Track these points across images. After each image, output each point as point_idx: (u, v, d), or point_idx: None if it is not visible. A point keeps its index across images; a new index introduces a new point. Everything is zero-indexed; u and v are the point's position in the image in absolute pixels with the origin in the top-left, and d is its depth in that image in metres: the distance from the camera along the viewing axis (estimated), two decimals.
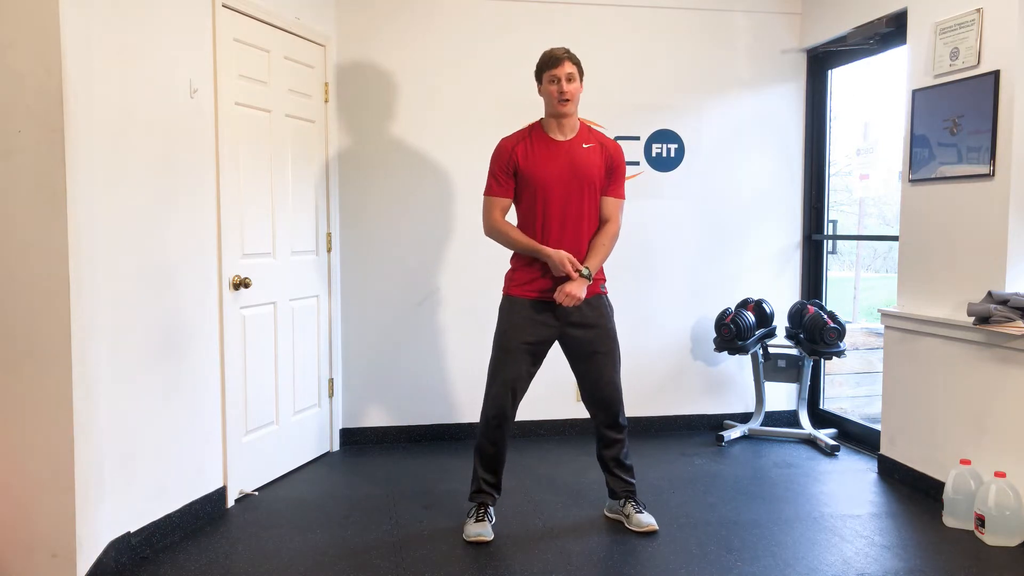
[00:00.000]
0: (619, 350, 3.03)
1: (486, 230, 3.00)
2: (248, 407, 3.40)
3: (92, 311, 2.51)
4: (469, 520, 2.98)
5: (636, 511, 3.03)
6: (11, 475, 2.45)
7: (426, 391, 4.26)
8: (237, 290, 3.28)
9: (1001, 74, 3.04)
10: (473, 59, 4.20)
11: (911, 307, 3.51)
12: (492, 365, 2.97)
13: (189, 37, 2.99)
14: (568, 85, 2.86)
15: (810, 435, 4.17)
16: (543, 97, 2.95)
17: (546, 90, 2.91)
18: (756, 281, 4.51)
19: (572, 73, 2.87)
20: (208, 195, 3.11)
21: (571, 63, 2.88)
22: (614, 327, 3.03)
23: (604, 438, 3.07)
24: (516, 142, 2.96)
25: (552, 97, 2.88)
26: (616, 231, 3.01)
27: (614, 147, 3.03)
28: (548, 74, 2.88)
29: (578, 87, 2.90)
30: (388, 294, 4.19)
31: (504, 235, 2.95)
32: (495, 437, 2.94)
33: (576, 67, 2.90)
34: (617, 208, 3.01)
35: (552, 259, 2.83)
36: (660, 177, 4.38)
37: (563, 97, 2.86)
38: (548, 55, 2.91)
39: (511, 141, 2.98)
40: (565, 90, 2.85)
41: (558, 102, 2.87)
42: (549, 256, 2.84)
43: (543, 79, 2.91)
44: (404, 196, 4.17)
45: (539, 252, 2.86)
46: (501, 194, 2.95)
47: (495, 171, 2.96)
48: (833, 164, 4.58)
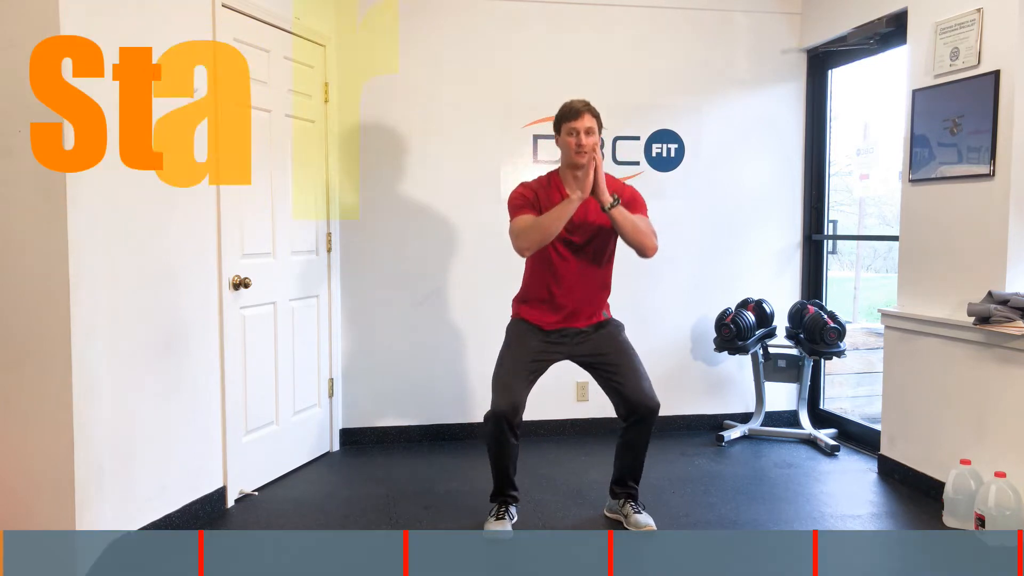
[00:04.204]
0: (637, 356, 3.02)
1: (521, 242, 2.86)
2: (248, 407, 3.40)
3: (92, 311, 2.51)
4: (490, 518, 2.99)
5: (635, 511, 3.03)
6: (11, 475, 2.45)
7: (426, 391, 4.26)
8: (237, 290, 3.28)
9: (1001, 74, 3.04)
10: (473, 57, 4.19)
11: (911, 307, 3.51)
12: (496, 378, 2.96)
13: (189, 37, 2.98)
14: (586, 138, 2.85)
15: (810, 435, 4.17)
16: (560, 148, 2.95)
17: (564, 142, 2.90)
18: (756, 281, 4.51)
19: (591, 127, 2.87)
20: (208, 195, 3.11)
21: (590, 116, 2.87)
22: (625, 339, 3.05)
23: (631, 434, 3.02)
24: (535, 189, 2.97)
25: (570, 149, 2.87)
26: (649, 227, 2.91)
27: (629, 192, 3.01)
28: (567, 126, 2.88)
29: (596, 140, 2.89)
30: (388, 294, 4.19)
31: (535, 228, 2.83)
32: (499, 443, 2.91)
33: (595, 120, 2.90)
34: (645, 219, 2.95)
35: (583, 190, 2.79)
36: (660, 177, 4.38)
37: (581, 150, 2.85)
38: (567, 107, 2.90)
39: (530, 189, 2.98)
40: (583, 143, 2.84)
41: (575, 154, 2.86)
42: (576, 194, 2.79)
43: (561, 130, 2.91)
44: (404, 196, 4.17)
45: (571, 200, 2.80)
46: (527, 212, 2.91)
47: (518, 205, 2.93)
48: (833, 164, 4.58)
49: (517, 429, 2.86)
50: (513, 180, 4.20)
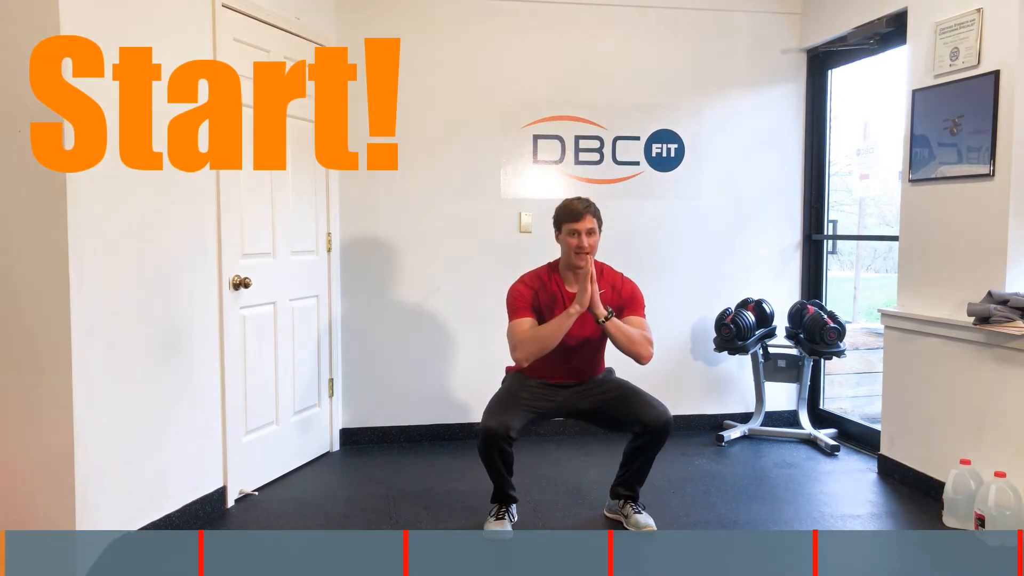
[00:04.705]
0: (630, 384, 3.05)
1: (519, 353, 2.86)
2: (248, 407, 3.40)
3: (92, 311, 2.51)
4: (490, 518, 2.99)
5: (635, 511, 3.03)
6: (12, 475, 2.45)
7: (426, 391, 4.26)
8: (237, 290, 3.28)
9: (1001, 74, 3.04)
10: (473, 58, 4.19)
11: (911, 307, 3.51)
12: (492, 404, 2.95)
13: (189, 37, 2.99)
14: (588, 239, 2.87)
15: (810, 435, 4.17)
16: (561, 245, 2.97)
17: (564, 241, 2.92)
18: (756, 281, 4.50)
19: (592, 228, 2.89)
20: (208, 195, 3.11)
21: (591, 216, 2.90)
22: (617, 379, 3.11)
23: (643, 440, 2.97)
24: (535, 289, 2.98)
25: (570, 249, 2.90)
26: (645, 337, 2.92)
27: (627, 289, 3.03)
28: (568, 227, 2.90)
29: (597, 240, 2.92)
30: (388, 294, 4.19)
31: (535, 341, 2.84)
32: (491, 454, 2.87)
33: (596, 220, 2.91)
34: (641, 322, 2.97)
35: (580, 304, 2.80)
36: (660, 177, 4.38)
37: (582, 251, 2.87)
38: (569, 209, 2.91)
39: (529, 288, 2.98)
40: (584, 244, 2.87)
41: (575, 255, 2.88)
42: (575, 308, 2.80)
43: (562, 230, 2.93)
44: (404, 195, 4.17)
45: (568, 314, 2.82)
46: (526, 316, 2.92)
47: (517, 307, 2.93)
48: (833, 164, 4.58)
49: (511, 441, 2.84)
50: (513, 180, 4.23)
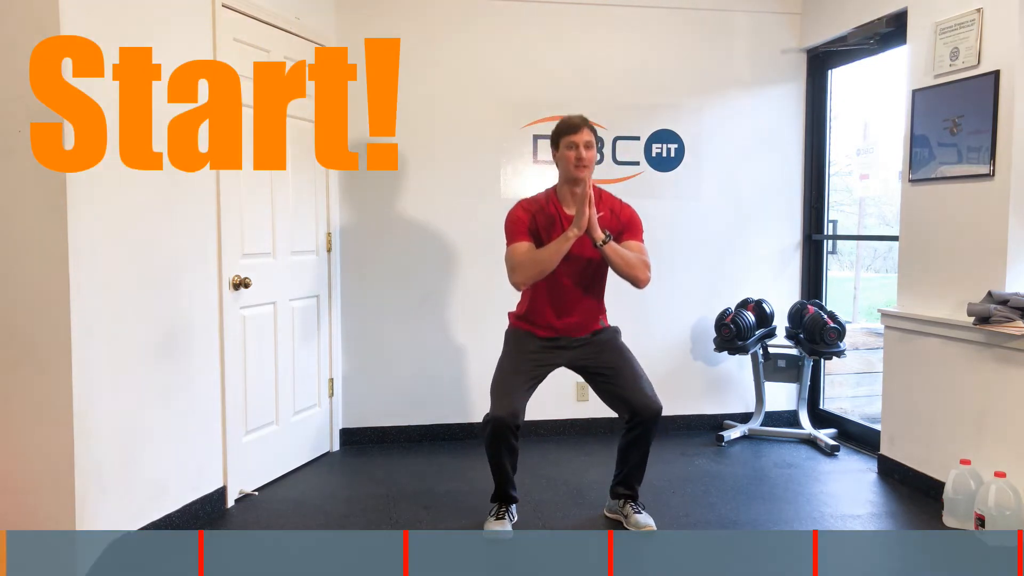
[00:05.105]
0: (636, 361, 3.02)
1: (517, 276, 2.88)
2: (248, 407, 3.40)
3: (92, 311, 2.51)
4: (490, 518, 2.99)
5: (635, 511, 3.02)
6: (12, 475, 2.45)
7: (426, 391, 4.26)
8: (237, 290, 3.28)
9: (1001, 74, 3.04)
10: (473, 59, 4.19)
11: (911, 307, 3.51)
12: (494, 382, 2.97)
13: (189, 37, 2.99)
14: (586, 152, 2.87)
15: (810, 435, 4.17)
16: (558, 163, 2.97)
17: (563, 156, 2.92)
18: (756, 281, 4.51)
19: (590, 141, 2.89)
20: (208, 195, 3.11)
21: (589, 131, 2.90)
22: (622, 344, 3.06)
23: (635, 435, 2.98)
24: (532, 213, 2.97)
25: (569, 163, 2.89)
26: (643, 261, 2.91)
27: (626, 211, 3.02)
28: (566, 140, 2.89)
29: (594, 154, 2.92)
30: (388, 294, 4.19)
31: (532, 263, 2.85)
32: (498, 446, 2.89)
33: (593, 134, 2.92)
34: (639, 246, 2.97)
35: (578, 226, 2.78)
36: (660, 177, 4.38)
37: (580, 164, 2.87)
38: (566, 122, 2.92)
39: (527, 212, 2.98)
40: (583, 156, 2.87)
41: (575, 167, 2.88)
42: (572, 231, 2.79)
43: (560, 145, 2.92)
44: (404, 196, 4.17)
45: (566, 237, 2.81)
46: (523, 240, 2.92)
47: (515, 232, 2.93)
48: (833, 164, 4.58)
49: (517, 431, 2.86)
50: (513, 180, 4.23)
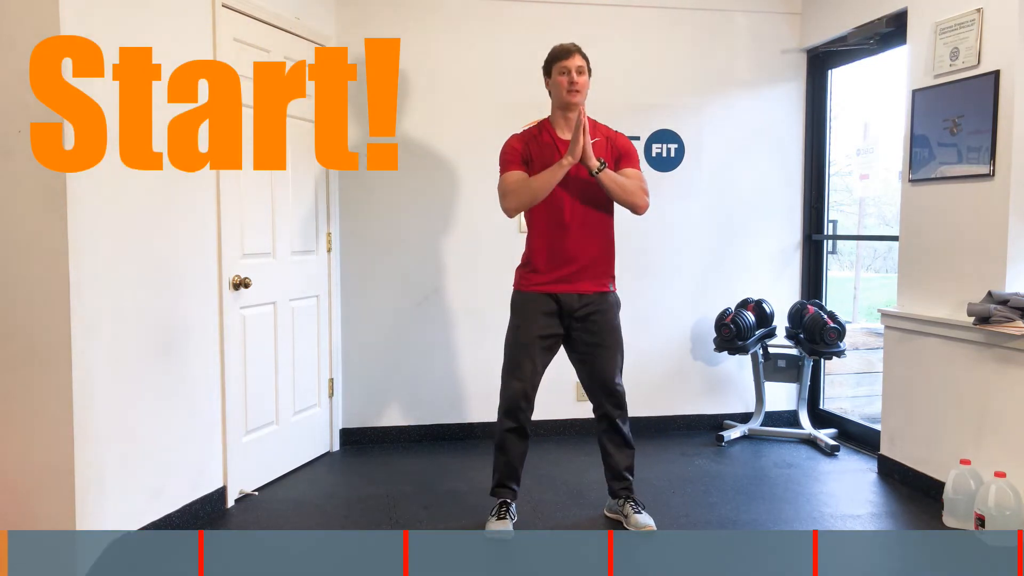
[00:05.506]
0: (622, 347, 3.03)
1: (508, 202, 2.90)
2: (248, 407, 3.40)
3: (92, 311, 2.51)
4: (491, 518, 2.99)
5: (635, 511, 3.02)
6: (12, 475, 2.45)
7: (426, 391, 4.26)
8: (237, 290, 3.28)
9: (1001, 74, 3.04)
10: (473, 59, 4.19)
11: (911, 307, 3.51)
12: (507, 361, 2.98)
13: (189, 37, 2.99)
14: (578, 77, 2.91)
15: (810, 435, 4.17)
16: (551, 90, 2.98)
17: (555, 82, 2.94)
18: (756, 281, 4.50)
19: (582, 66, 2.93)
20: (208, 195, 3.11)
21: (580, 56, 2.94)
22: (618, 323, 3.04)
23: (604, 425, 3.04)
24: (526, 141, 2.99)
25: (561, 88, 2.92)
26: (640, 187, 2.94)
27: (621, 139, 3.05)
28: (559, 65, 2.92)
29: (587, 80, 2.95)
30: (388, 294, 4.19)
31: (524, 190, 2.86)
32: (514, 432, 2.93)
33: (585, 61, 2.95)
34: (636, 173, 2.98)
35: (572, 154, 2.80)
36: (660, 177, 4.38)
37: (573, 88, 2.89)
38: (558, 48, 2.96)
39: (520, 141, 3.00)
40: (575, 80, 2.90)
41: (567, 92, 2.90)
42: (567, 159, 2.80)
43: (552, 71, 2.95)
44: (404, 195, 4.16)
45: (560, 164, 2.82)
46: (516, 169, 2.93)
47: (508, 161, 2.95)
48: (833, 164, 4.57)
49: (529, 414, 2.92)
50: None
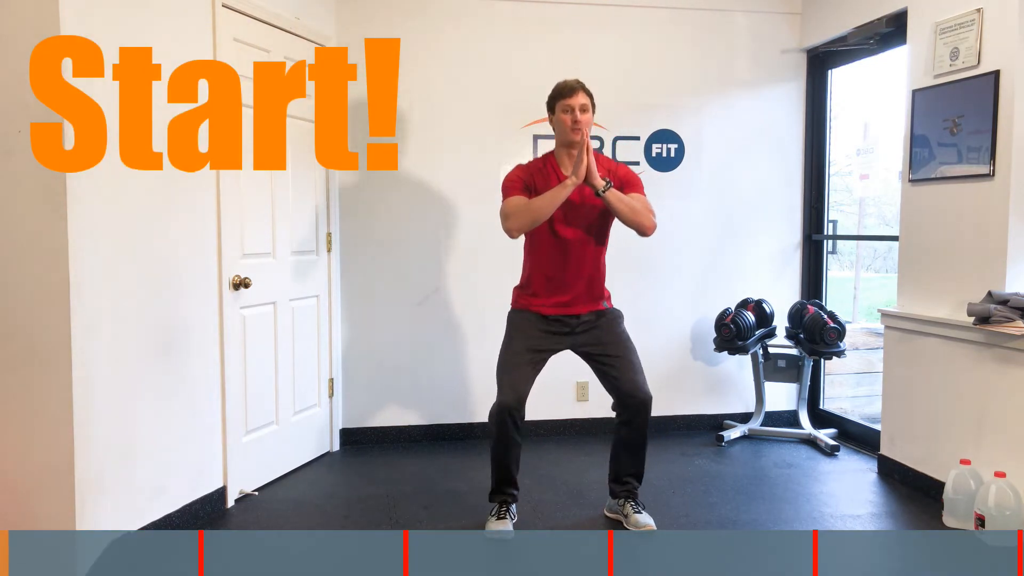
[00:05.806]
0: (635, 350, 3.03)
1: (511, 222, 2.88)
2: (248, 407, 3.40)
3: (92, 311, 2.51)
4: (491, 518, 2.99)
5: (635, 511, 3.02)
6: (11, 475, 2.45)
7: (426, 391, 4.26)
8: (237, 290, 3.28)
9: (1001, 74, 3.04)
10: (474, 59, 4.19)
11: (911, 307, 3.51)
12: (499, 368, 2.98)
13: (189, 37, 2.99)
14: (582, 115, 2.89)
15: (810, 435, 4.17)
16: (555, 127, 2.98)
17: (559, 120, 2.93)
18: (756, 281, 4.51)
19: (585, 103, 2.91)
20: (208, 195, 3.11)
21: (584, 93, 2.92)
22: (624, 331, 3.05)
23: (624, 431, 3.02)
24: (530, 171, 2.99)
25: (565, 126, 2.91)
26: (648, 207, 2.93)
27: (624, 171, 3.03)
28: (562, 103, 2.91)
29: (590, 118, 2.94)
30: (388, 294, 4.19)
31: (528, 210, 2.85)
32: (504, 437, 2.92)
33: (589, 98, 2.94)
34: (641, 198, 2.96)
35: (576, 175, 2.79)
36: (660, 177, 4.38)
37: (576, 127, 2.88)
38: (562, 85, 2.95)
39: (524, 171, 3.00)
40: (579, 119, 2.88)
41: (571, 130, 2.89)
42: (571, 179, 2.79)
43: (556, 108, 2.94)
44: (404, 196, 4.17)
45: (564, 184, 2.82)
46: (519, 195, 2.92)
47: (511, 188, 2.94)
48: (833, 164, 4.57)
49: (520, 423, 2.88)
50: None
